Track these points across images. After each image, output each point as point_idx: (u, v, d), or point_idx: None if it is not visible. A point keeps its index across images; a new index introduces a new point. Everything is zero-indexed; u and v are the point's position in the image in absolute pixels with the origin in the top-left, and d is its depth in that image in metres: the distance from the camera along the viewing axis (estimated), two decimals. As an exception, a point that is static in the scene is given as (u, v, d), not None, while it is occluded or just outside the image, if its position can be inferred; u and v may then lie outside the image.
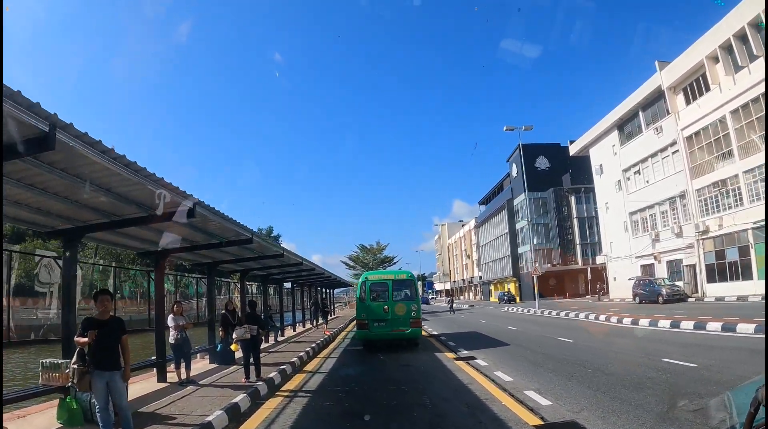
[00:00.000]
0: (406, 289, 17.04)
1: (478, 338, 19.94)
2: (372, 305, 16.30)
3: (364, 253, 78.76)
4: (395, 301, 16.32)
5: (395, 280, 16.90)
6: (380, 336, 16.25)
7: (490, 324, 27.24)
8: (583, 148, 51.31)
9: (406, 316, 15.97)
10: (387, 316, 15.96)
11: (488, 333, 21.71)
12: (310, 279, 31.84)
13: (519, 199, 72.37)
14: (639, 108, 40.33)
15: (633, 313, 23.67)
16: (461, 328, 26.45)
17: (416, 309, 16.32)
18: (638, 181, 41.55)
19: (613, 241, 46.32)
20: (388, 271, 22.00)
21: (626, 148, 42.83)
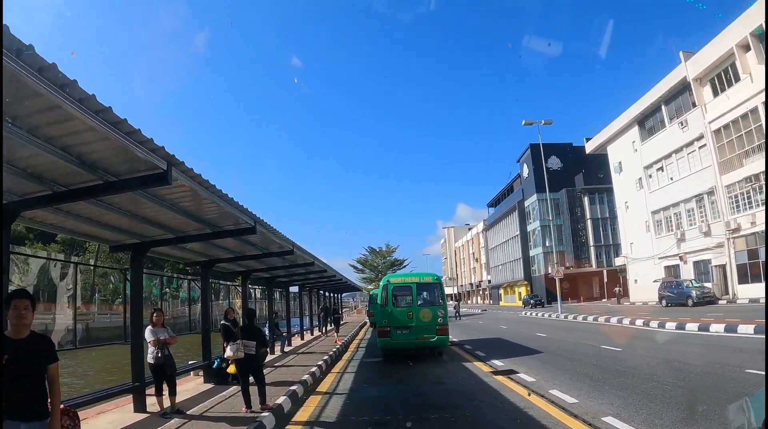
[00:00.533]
0: (432, 293, 15.95)
1: (506, 346, 18.36)
2: (395, 311, 15.20)
3: (373, 255, 76.82)
4: (420, 306, 15.20)
5: (420, 283, 15.70)
6: (403, 344, 15.12)
7: (514, 330, 25.57)
8: (600, 146, 49.57)
9: (432, 323, 14.90)
10: (411, 322, 14.89)
11: (515, 340, 20.15)
12: (319, 282, 30.04)
13: (530, 200, 70.96)
14: (662, 102, 38.65)
15: (675, 317, 21.78)
16: (482, 334, 24.92)
17: (443, 315, 15.19)
18: (661, 178, 39.79)
19: (634, 242, 44.57)
20: (411, 273, 20.59)
21: (648, 144, 41.09)
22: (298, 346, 21.84)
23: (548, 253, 67.44)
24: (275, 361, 15.98)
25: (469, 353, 16.67)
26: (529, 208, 72.13)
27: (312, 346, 21.91)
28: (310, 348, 20.85)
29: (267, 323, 18.94)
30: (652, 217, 41.00)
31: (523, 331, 24.09)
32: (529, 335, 21.62)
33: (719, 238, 32.74)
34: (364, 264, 76.95)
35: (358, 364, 15.83)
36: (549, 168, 68.77)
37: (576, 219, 65.43)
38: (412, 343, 14.97)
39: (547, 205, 67.77)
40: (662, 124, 39.26)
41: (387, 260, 75.41)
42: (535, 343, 18.24)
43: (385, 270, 71.40)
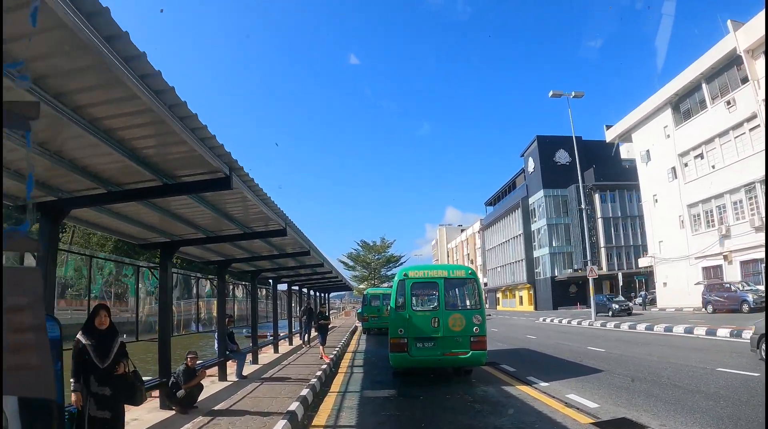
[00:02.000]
0: (466, 293, 12.70)
1: (547, 361, 14.92)
2: (415, 316, 11.72)
3: (366, 250, 70.38)
4: (449, 310, 11.79)
5: (449, 278, 12.18)
6: (425, 362, 11.78)
7: (545, 341, 21.10)
8: (624, 133, 45.37)
9: (466, 333, 11.49)
10: (437, 332, 11.48)
11: (555, 353, 16.38)
12: (312, 278, 26.10)
13: (535, 197, 66.97)
14: (702, 79, 34.40)
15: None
16: (504, 343, 20.68)
17: (480, 322, 11.61)
18: (700, 166, 35.59)
19: (664, 240, 40.30)
20: (437, 265, 16.50)
21: (683, 129, 36.91)
22: (269, 365, 15.70)
23: (555, 255, 63.61)
24: (220, 399, 10.01)
25: (500, 370, 13.28)
26: (535, 205, 67.97)
27: (287, 365, 15.84)
28: (285, 368, 14.95)
29: (216, 332, 13.21)
30: (687, 211, 36.74)
31: (559, 342, 19.99)
32: (572, 348, 17.53)
33: (777, 234, 28.66)
34: (356, 260, 70.48)
35: (358, 400, 10.28)
36: (557, 162, 65.28)
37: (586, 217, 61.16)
38: (437, 360, 11.59)
39: (555, 202, 64.20)
40: (702, 106, 35.06)
41: (382, 256, 69.50)
42: (584, 357, 14.39)
43: (380, 267, 66.32)
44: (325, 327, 18.52)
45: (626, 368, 12.27)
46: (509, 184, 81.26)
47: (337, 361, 16.78)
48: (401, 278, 12.14)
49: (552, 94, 31.72)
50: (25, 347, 1.61)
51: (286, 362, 16.42)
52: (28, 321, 1.61)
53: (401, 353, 11.58)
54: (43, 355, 1.64)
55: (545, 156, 65.32)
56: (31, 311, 1.61)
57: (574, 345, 18.60)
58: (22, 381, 1.61)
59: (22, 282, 1.62)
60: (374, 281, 64.38)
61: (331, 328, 39.11)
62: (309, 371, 13.45)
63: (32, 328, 1.61)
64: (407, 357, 11.53)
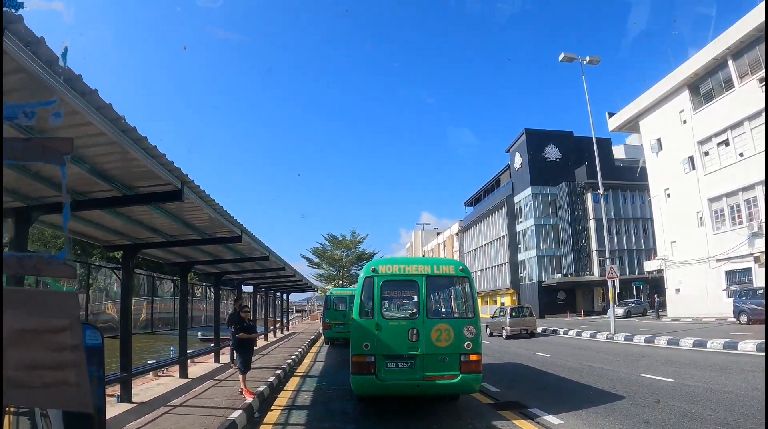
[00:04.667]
0: (455, 296, 10.29)
1: (558, 387, 11.70)
2: (386, 326, 8.93)
3: (334, 245, 63.25)
4: (433, 318, 9.14)
5: (433, 276, 9.32)
6: (399, 388, 8.90)
7: (565, 361, 16.47)
8: (630, 121, 41.33)
9: (454, 350, 8.80)
10: (416, 348, 8.79)
11: (604, 387, 11.53)
12: (275, 282, 25.23)
13: (522, 195, 62.74)
14: (728, 55, 30.50)
15: None
16: (509, 370, 15.93)
17: (474, 335, 8.89)
18: (725, 154, 31.64)
19: (677, 241, 36.23)
20: (416, 259, 13.71)
21: (704, 113, 33.02)
22: (149, 404, 9.89)
23: (543, 258, 59.65)
24: None
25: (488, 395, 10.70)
26: (521, 204, 63.71)
27: (178, 406, 9.68)
28: (166, 416, 8.79)
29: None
30: (708, 206, 32.72)
31: (607, 370, 15.15)
32: (646, 381, 12.68)
33: (826, 231, 24.82)
34: (322, 256, 63.14)
35: None
36: (546, 158, 61.46)
37: (577, 218, 57.46)
38: (414, 386, 8.78)
39: (543, 201, 60.33)
40: (728, 85, 31.15)
41: (352, 252, 62.79)
42: (710, 407, 9.39)
43: (349, 265, 60.77)
44: (248, 344, 11.33)
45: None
46: (492, 182, 76.91)
47: (270, 394, 11.34)
48: (368, 274, 9.27)
49: (563, 58, 27.46)
50: (65, 365, 1.77)
51: (182, 399, 10.32)
52: (68, 341, 1.75)
53: (366, 376, 8.76)
54: (80, 372, 1.78)
55: (534, 151, 61.23)
56: (70, 332, 1.74)
57: (616, 370, 13.96)
58: (62, 396, 1.80)
59: (62, 304, 1.75)
60: (342, 281, 59.13)
61: (289, 334, 34.21)
62: (205, 424, 8.07)
63: (71, 348, 1.76)
64: (374, 381, 8.71)
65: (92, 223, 8.77)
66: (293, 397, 11.18)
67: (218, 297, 18.04)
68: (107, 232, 9.49)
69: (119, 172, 6.37)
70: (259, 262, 15.82)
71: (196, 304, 20.55)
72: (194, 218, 9.25)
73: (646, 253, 53.56)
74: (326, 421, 8.68)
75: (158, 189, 6.80)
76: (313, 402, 10.51)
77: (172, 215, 8.78)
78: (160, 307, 17.30)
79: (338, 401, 10.32)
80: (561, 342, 24.12)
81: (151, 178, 6.43)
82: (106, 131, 4.73)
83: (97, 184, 6.48)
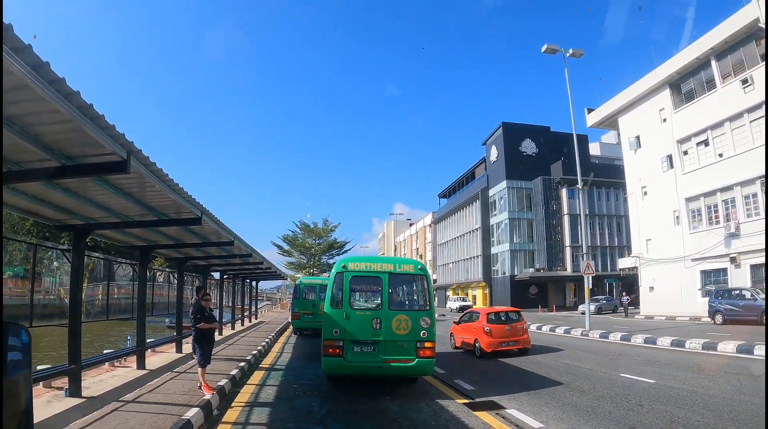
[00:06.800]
0: (414, 291, 11.70)
1: (536, 386, 11.22)
2: (353, 315, 10.50)
3: (306, 233, 61.39)
4: (394, 310, 10.60)
5: (396, 273, 11.01)
6: (364, 369, 10.43)
7: (542, 359, 15.86)
8: (609, 118, 41.03)
9: (412, 338, 10.40)
10: (379, 335, 10.37)
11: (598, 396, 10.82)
12: (243, 269, 24.53)
13: (497, 188, 62.59)
14: (712, 55, 30.31)
15: None
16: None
17: (429, 325, 10.53)
18: (704, 154, 31.50)
19: (652, 239, 36.13)
20: (381, 258, 16.78)
21: (684, 112, 32.85)
22: (99, 398, 9.09)
23: (516, 252, 59.52)
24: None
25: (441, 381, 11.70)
26: (496, 197, 63.50)
27: (131, 401, 8.82)
28: (115, 413, 7.93)
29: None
30: (685, 205, 32.64)
31: (590, 370, 14.49)
32: (637, 385, 12.14)
33: (805, 233, 24.73)
34: (293, 244, 61.26)
35: None
36: (522, 152, 61.26)
37: (551, 213, 57.40)
38: (376, 367, 10.36)
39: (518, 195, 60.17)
40: (710, 85, 30.99)
41: (323, 241, 61.16)
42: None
43: (320, 254, 59.80)
44: (210, 334, 10.49)
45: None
46: (468, 175, 76.56)
47: (233, 389, 10.69)
48: (339, 270, 10.89)
49: (546, 49, 26.79)
50: None
51: (135, 393, 9.42)
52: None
53: (336, 358, 10.36)
54: None
55: (510, 145, 60.96)
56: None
57: (594, 369, 13.34)
58: None
59: None
60: (313, 270, 58.09)
61: (258, 323, 33.08)
62: (157, 424, 7.30)
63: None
64: (342, 362, 10.34)
65: (38, 200, 7.84)
66: (256, 392, 10.64)
67: (181, 283, 17.12)
68: (58, 211, 8.65)
69: (56, 138, 5.61)
70: (224, 248, 15.35)
71: (159, 290, 19.90)
72: (150, 197, 8.45)
73: (619, 250, 53.90)
74: (291, 421, 8.14)
75: (102, 159, 6.04)
76: (278, 398, 10.06)
77: (126, 193, 8.01)
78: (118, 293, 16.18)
79: (304, 398, 10.01)
80: (535, 338, 23.48)
81: (93, 145, 5.63)
82: (30, 83, 4.03)
83: (32, 151, 5.68)
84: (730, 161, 29.14)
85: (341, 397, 10.12)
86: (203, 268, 20.80)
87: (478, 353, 16.67)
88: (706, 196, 31.20)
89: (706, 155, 31.42)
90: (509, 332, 16.68)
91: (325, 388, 10.93)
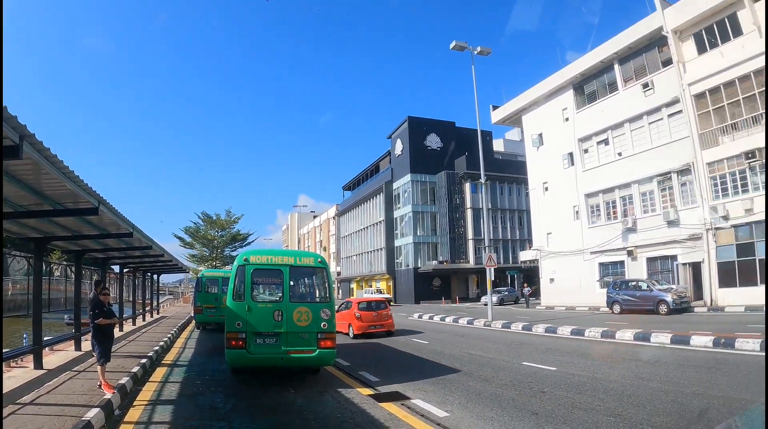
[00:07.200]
0: (314, 283, 11.89)
1: (441, 376, 11.29)
2: (255, 308, 10.48)
3: (208, 225, 59.75)
4: (295, 302, 10.76)
5: (296, 266, 11.11)
6: (267, 361, 10.46)
7: (444, 349, 15.79)
8: (513, 115, 42.21)
9: (313, 329, 10.54)
10: (280, 327, 10.41)
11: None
12: (144, 262, 23.13)
13: (402, 181, 62.87)
14: (616, 59, 31.90)
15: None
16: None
17: (329, 317, 10.75)
18: (603, 153, 33.15)
19: (552, 232, 37.57)
20: (283, 250, 17.41)
21: (586, 112, 34.37)
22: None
23: (420, 244, 60.27)
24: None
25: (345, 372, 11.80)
26: (400, 190, 63.87)
27: (27, 404, 8.06)
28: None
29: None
30: (585, 200, 34.21)
31: (497, 359, 14.62)
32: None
33: (693, 229, 26.55)
34: (195, 235, 59.55)
35: None
36: (427, 146, 61.90)
37: (455, 207, 58.54)
38: (279, 358, 10.39)
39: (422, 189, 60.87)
40: (612, 88, 32.66)
41: (226, 233, 59.87)
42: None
43: (223, 246, 58.14)
44: (109, 330, 9.90)
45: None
46: (372, 167, 76.64)
47: (134, 387, 10.19)
48: (241, 263, 10.90)
49: (454, 46, 27.08)
50: None
51: (33, 395, 8.66)
52: None
53: (239, 350, 10.34)
54: None
55: (415, 139, 61.46)
56: None
57: (497, 358, 13.50)
58: None
59: None
60: (216, 262, 56.40)
61: (160, 318, 31.53)
62: (56, 426, 6.75)
63: None
64: (246, 354, 10.32)
65: None
66: (159, 389, 10.14)
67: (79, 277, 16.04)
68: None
69: None
70: (123, 240, 14.76)
71: (56, 285, 19.51)
72: (46, 185, 7.98)
73: (521, 243, 55.95)
74: (195, 418, 7.82)
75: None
76: (181, 395, 9.64)
77: (19, 181, 7.43)
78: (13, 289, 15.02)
79: (208, 394, 9.64)
80: (439, 328, 23.65)
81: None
82: None
83: None
84: (629, 160, 30.81)
85: (246, 391, 9.87)
86: (102, 262, 19.65)
87: (352, 335, 20.04)
88: (605, 193, 32.84)
89: (605, 154, 33.02)
90: (376, 318, 20.25)
91: (229, 383, 10.70)
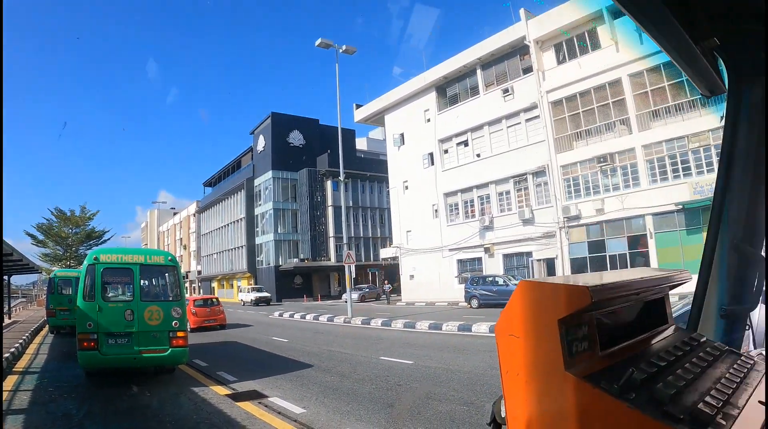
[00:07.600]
0: (164, 282, 11.49)
1: (300, 373, 11.19)
2: (106, 308, 9.95)
3: (62, 222, 54.33)
4: (146, 301, 10.40)
5: (146, 264, 10.77)
6: (119, 361, 9.92)
7: (302, 346, 15.16)
8: (376, 114, 41.01)
9: (164, 328, 10.16)
10: (132, 326, 9.96)
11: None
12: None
13: (263, 178, 59.77)
14: (478, 65, 31.81)
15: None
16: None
17: (180, 315, 10.39)
18: (462, 154, 32.94)
19: (412, 230, 36.81)
20: (132, 249, 16.21)
21: (448, 114, 33.92)
22: None
23: (281, 242, 58.72)
24: None
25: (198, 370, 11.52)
26: (261, 187, 60.87)
27: None
28: None
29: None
30: (444, 199, 33.78)
31: (346, 352, 14.22)
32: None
33: (547, 227, 27.29)
34: (48, 233, 54.06)
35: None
36: (290, 143, 60.15)
37: (316, 205, 57.39)
38: (132, 359, 9.93)
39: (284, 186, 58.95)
40: (473, 92, 32.49)
41: (81, 230, 54.48)
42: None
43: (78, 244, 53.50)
44: None
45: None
46: (234, 164, 72.49)
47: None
48: (91, 262, 10.34)
49: (320, 43, 26.12)
50: None
51: None
52: None
53: (91, 351, 9.80)
54: None
55: (278, 135, 58.76)
56: None
57: (355, 354, 13.42)
58: None
59: None
60: (71, 262, 51.66)
61: (11, 323, 27.84)
62: None
63: None
64: (98, 356, 9.79)
65: None
66: (10, 399, 9.21)
67: None
68: None
69: None
70: None
71: None
72: None
73: (382, 241, 55.11)
74: (47, 427, 7.36)
75: None
76: (33, 403, 8.89)
77: None
78: None
79: (61, 401, 8.89)
80: (299, 326, 22.87)
81: None
82: None
83: None
84: (487, 161, 30.76)
85: (100, 396, 9.16)
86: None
87: (189, 329, 19.11)
88: (464, 192, 32.60)
89: (465, 155, 32.86)
90: (209, 313, 22.64)
91: (83, 388, 9.92)
